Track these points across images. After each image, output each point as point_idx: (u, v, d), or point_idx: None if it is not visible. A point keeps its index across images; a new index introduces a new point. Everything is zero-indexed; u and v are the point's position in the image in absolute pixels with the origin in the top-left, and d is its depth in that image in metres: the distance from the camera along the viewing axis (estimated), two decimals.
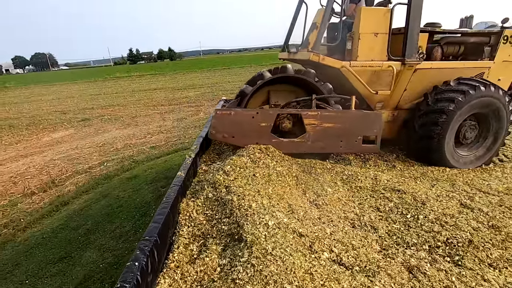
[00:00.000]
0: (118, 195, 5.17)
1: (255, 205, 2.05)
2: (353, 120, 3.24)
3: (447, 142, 3.78)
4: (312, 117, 3.15)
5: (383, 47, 3.64)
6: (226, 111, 3.10)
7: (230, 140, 3.16)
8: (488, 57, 4.33)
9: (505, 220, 2.31)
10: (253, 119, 3.09)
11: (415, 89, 4.01)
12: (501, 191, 3.00)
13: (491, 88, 3.78)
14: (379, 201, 2.55)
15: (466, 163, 3.99)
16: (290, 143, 3.21)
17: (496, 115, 3.96)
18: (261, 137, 3.15)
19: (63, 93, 23.13)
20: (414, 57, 3.72)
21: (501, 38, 4.23)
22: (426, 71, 3.90)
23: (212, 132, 3.13)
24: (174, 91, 18.95)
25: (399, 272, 1.77)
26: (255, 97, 3.64)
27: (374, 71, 3.69)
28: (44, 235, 4.10)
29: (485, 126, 4.08)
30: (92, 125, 11.15)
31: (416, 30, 3.66)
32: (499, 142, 4.09)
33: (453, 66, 4.06)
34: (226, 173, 2.45)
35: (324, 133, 3.19)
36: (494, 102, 3.85)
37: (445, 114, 3.67)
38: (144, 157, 7.09)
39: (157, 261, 1.55)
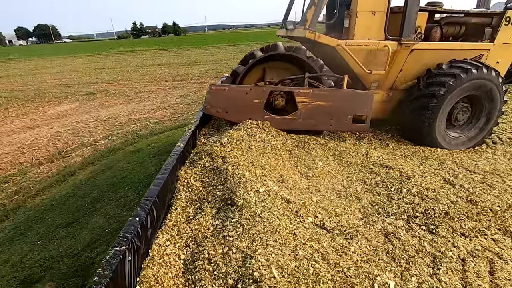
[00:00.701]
0: (122, 167, 5.38)
1: (248, 174, 2.21)
2: (344, 99, 3.29)
3: (438, 125, 3.83)
4: (304, 95, 3.22)
5: (381, 26, 3.60)
6: (221, 87, 3.18)
7: (224, 115, 3.25)
8: (489, 38, 4.25)
9: (483, 196, 2.45)
10: (246, 95, 3.17)
11: (411, 70, 3.99)
12: (487, 170, 3.12)
13: (483, 70, 3.75)
14: (367, 175, 2.69)
15: (458, 144, 4.05)
16: (282, 120, 3.29)
17: (489, 96, 3.96)
18: (254, 113, 3.24)
19: (67, 66, 23.06)
20: (411, 37, 3.68)
21: (503, 20, 4.15)
22: (422, 52, 3.86)
23: (206, 106, 3.22)
24: (178, 67, 18.80)
25: (376, 237, 1.95)
26: (250, 75, 3.69)
27: (369, 51, 3.67)
28: (52, 202, 4.33)
29: (478, 107, 4.09)
30: (97, 99, 11.26)
31: (414, 9, 3.59)
32: (492, 122, 4.12)
33: (451, 47, 4.00)
34: (223, 145, 2.59)
35: (315, 111, 3.26)
36: (486, 83, 3.83)
37: (436, 98, 3.70)
38: (147, 132, 7.25)
39: (156, 218, 1.73)
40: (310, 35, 3.50)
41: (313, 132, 3.48)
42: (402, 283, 1.61)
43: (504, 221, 2.23)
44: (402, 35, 3.63)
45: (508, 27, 4.19)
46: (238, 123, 3.25)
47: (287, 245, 1.65)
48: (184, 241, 1.74)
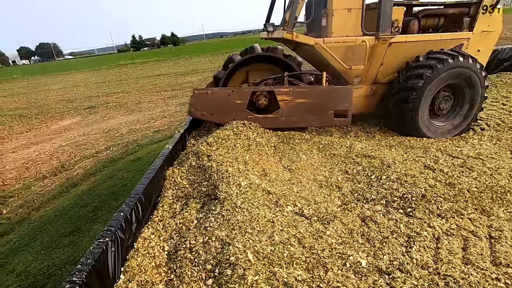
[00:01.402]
0: (122, 176, 5.53)
1: (231, 170, 2.32)
2: (324, 95, 3.39)
3: (421, 117, 3.88)
4: (285, 94, 3.33)
5: (357, 23, 3.68)
6: (204, 90, 3.30)
7: (209, 117, 3.37)
8: (468, 28, 4.30)
9: (462, 178, 2.52)
10: (229, 97, 3.29)
11: (392, 63, 4.05)
12: (470, 155, 3.16)
13: (459, 58, 3.78)
14: (349, 165, 2.78)
15: (444, 133, 4.10)
16: (265, 119, 3.40)
17: (469, 83, 4.00)
18: (238, 114, 3.35)
19: (69, 82, 23.55)
20: (387, 31, 3.74)
21: (480, 8, 4.19)
22: (401, 45, 3.92)
23: (191, 110, 3.34)
24: (177, 77, 19.07)
25: (353, 221, 2.03)
26: (233, 78, 3.82)
27: (348, 47, 3.75)
28: (56, 213, 4.49)
29: (460, 95, 4.14)
30: (98, 112, 11.51)
31: (389, 4, 3.67)
32: (475, 108, 4.16)
33: (429, 39, 4.06)
34: (209, 144, 2.71)
35: (296, 108, 3.37)
36: (464, 71, 3.86)
37: (415, 91, 3.75)
38: (147, 141, 7.42)
39: (141, 214, 1.84)
40: (288, 35, 3.59)
41: (298, 128, 3.58)
42: (374, 261, 1.69)
43: (481, 201, 2.30)
44: (378, 29, 3.70)
45: (486, 15, 4.24)
46: (223, 124, 3.36)
47: (264, 232, 1.75)
48: (168, 234, 1.86)
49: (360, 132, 4.15)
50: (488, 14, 4.24)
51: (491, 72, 7.26)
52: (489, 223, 2.13)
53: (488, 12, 4.24)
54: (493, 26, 4.36)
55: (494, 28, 4.39)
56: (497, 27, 4.42)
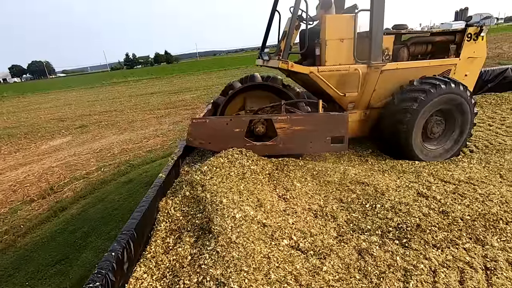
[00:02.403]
0: (113, 199, 5.41)
1: (225, 201, 2.29)
2: (320, 122, 3.45)
3: (414, 138, 3.97)
4: (282, 121, 3.37)
5: (349, 52, 3.81)
6: (202, 119, 3.33)
7: (207, 145, 3.38)
8: (454, 54, 4.50)
9: (454, 206, 2.55)
10: (227, 126, 3.32)
11: (385, 89, 4.19)
12: (461, 180, 3.22)
13: (451, 85, 3.94)
14: (343, 193, 2.79)
15: (435, 156, 4.20)
16: (263, 146, 3.43)
17: (460, 109, 4.13)
18: (236, 141, 3.37)
19: (60, 101, 23.38)
20: (379, 59, 3.89)
21: (465, 36, 4.42)
22: (392, 72, 4.07)
23: (189, 139, 3.34)
24: (171, 95, 19.15)
25: (349, 254, 2.01)
26: (231, 104, 3.87)
27: (341, 75, 3.87)
28: (43, 239, 4.32)
29: (451, 120, 4.27)
30: (90, 131, 11.38)
31: (379, 34, 3.83)
32: (465, 134, 4.29)
33: (419, 65, 4.23)
34: (203, 173, 2.69)
35: (294, 135, 3.41)
36: (456, 97, 4.02)
37: (409, 113, 3.86)
38: (140, 161, 7.32)
39: (133, 252, 1.79)
40: (283, 65, 3.71)
41: (294, 154, 3.60)
42: None
43: (475, 230, 2.31)
44: (370, 58, 3.85)
45: (471, 42, 4.47)
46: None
47: (260, 269, 1.72)
48: (161, 272, 1.80)
49: (353, 156, 4.20)
50: (472, 41, 4.46)
51: (476, 93, 7.55)
52: (484, 253, 2.13)
53: (473, 40, 4.45)
54: (478, 52, 4.58)
55: (479, 54, 4.61)
56: (482, 53, 4.66)
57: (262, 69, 4.55)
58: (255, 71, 24.30)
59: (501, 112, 6.37)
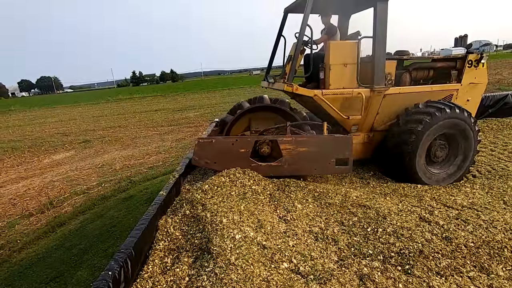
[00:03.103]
0: (113, 216, 5.36)
1: (225, 221, 2.28)
2: (325, 144, 3.48)
3: (418, 160, 3.98)
4: (287, 142, 3.40)
5: (353, 76, 3.93)
6: (208, 139, 3.35)
7: (213, 165, 3.39)
8: (456, 80, 4.60)
9: (458, 232, 2.50)
10: (232, 146, 3.34)
11: (387, 112, 4.27)
12: (464, 205, 3.18)
13: (456, 110, 4.00)
14: (345, 216, 2.76)
15: (438, 180, 4.18)
16: (268, 167, 3.45)
17: (464, 135, 4.16)
18: (241, 162, 3.39)
19: (66, 115, 23.73)
20: (382, 84, 3.99)
21: (466, 63, 4.54)
22: (395, 96, 4.16)
23: (195, 158, 3.35)
24: (174, 112, 19.41)
25: (350, 280, 1.97)
26: (237, 124, 3.92)
27: (345, 98, 3.96)
28: (39, 255, 4.26)
29: (455, 145, 4.27)
30: (93, 146, 11.46)
31: (382, 60, 3.94)
32: (468, 160, 4.26)
33: (421, 90, 4.33)
34: (204, 192, 2.68)
35: (299, 157, 3.43)
36: (460, 123, 4.06)
37: (414, 134, 3.90)
38: (141, 177, 7.31)
39: (130, 271, 1.76)
40: (288, 88, 3.82)
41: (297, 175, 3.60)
42: None
43: (479, 258, 2.26)
44: (373, 82, 3.95)
45: (471, 68, 4.58)
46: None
47: None
48: None
49: (355, 178, 4.18)
50: (473, 68, 4.58)
51: (478, 118, 7.61)
52: (489, 282, 2.07)
53: (473, 66, 4.57)
54: (479, 78, 4.69)
55: (480, 80, 4.72)
56: (483, 79, 4.76)
57: (267, 90, 4.65)
58: (258, 91, 24.72)
59: (503, 137, 6.38)
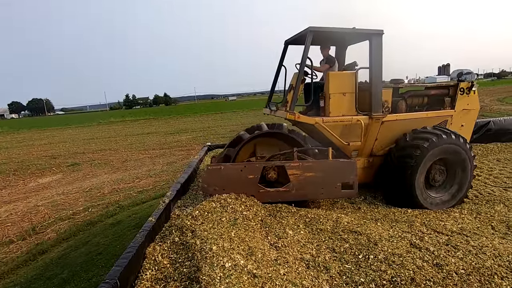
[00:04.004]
0: (98, 242, 5.16)
1: (215, 248, 2.23)
2: (331, 169, 3.56)
3: (418, 177, 4.07)
4: (295, 168, 3.47)
5: (351, 104, 4.11)
6: (217, 166, 3.38)
7: (221, 192, 3.36)
8: (449, 106, 4.82)
9: (448, 259, 2.50)
10: (241, 172, 3.38)
11: (386, 138, 4.42)
12: (454, 231, 3.21)
13: (460, 139, 4.20)
14: (336, 242, 2.74)
15: (431, 203, 4.23)
16: (276, 193, 3.48)
17: (461, 162, 4.30)
18: (250, 188, 3.42)
19: (55, 138, 23.39)
20: (379, 111, 4.16)
21: (458, 90, 4.79)
22: (392, 123, 4.34)
23: (204, 186, 3.35)
24: (167, 135, 19.38)
25: None
26: (241, 152, 4.00)
27: (345, 125, 4.12)
28: (16, 286, 4.03)
29: (451, 174, 4.39)
30: (81, 169, 11.24)
31: (379, 88, 4.14)
32: (463, 191, 4.37)
33: (418, 117, 4.52)
34: (194, 218, 2.64)
35: (306, 182, 3.49)
36: (461, 152, 4.23)
37: (420, 149, 4.03)
38: (130, 202, 7.14)
39: None
40: (290, 116, 3.96)
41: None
42: None
43: (470, 285, 2.25)
44: (371, 110, 4.12)
45: (464, 95, 4.83)
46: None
47: None
48: None
49: (346, 203, 4.19)
50: (465, 95, 4.83)
51: None
52: None
53: (465, 93, 4.82)
54: (471, 105, 4.93)
55: (472, 106, 4.95)
56: (475, 106, 5.00)
57: (262, 116, 4.76)
58: (251, 115, 25.00)
59: (488, 162, 6.56)
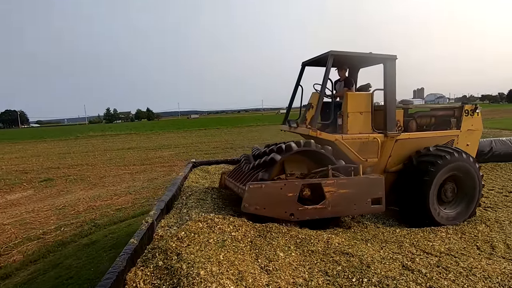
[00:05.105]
0: (70, 265, 4.78)
1: (203, 273, 2.08)
2: (362, 185, 3.71)
3: (434, 185, 4.27)
4: (330, 185, 3.56)
5: (368, 122, 4.41)
6: (258, 185, 3.35)
7: (262, 211, 3.37)
8: (456, 126, 5.16)
9: (441, 281, 2.47)
10: (281, 190, 3.40)
11: (399, 155, 4.71)
12: (442, 251, 3.22)
13: (470, 158, 4.46)
14: (328, 264, 2.65)
15: (436, 216, 4.35)
16: (314, 210, 3.53)
17: (471, 179, 4.53)
18: (289, 206, 3.44)
19: (28, 152, 22.21)
20: (394, 130, 4.46)
21: (463, 112, 5.16)
22: (405, 141, 4.64)
23: (245, 205, 3.31)
24: (148, 151, 18.91)
25: None
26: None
27: (362, 142, 4.37)
28: None
29: (461, 189, 4.61)
30: (55, 185, 10.64)
31: (393, 108, 4.45)
32: (474, 203, 4.57)
33: (428, 136, 4.85)
34: (179, 239, 2.48)
35: (340, 198, 3.58)
36: (469, 169, 4.47)
37: (441, 159, 4.29)
38: (106, 220, 6.76)
39: None
40: (313, 133, 4.19)
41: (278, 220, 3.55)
42: None
43: None
44: (386, 128, 4.40)
45: (468, 117, 5.20)
46: (276, 218, 3.43)
47: None
48: None
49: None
50: (470, 116, 5.21)
51: None
52: None
53: (470, 115, 5.21)
54: (475, 126, 5.29)
55: (476, 127, 5.31)
56: (479, 127, 5.35)
57: (246, 133, 4.73)
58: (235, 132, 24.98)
59: None
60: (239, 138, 23.11)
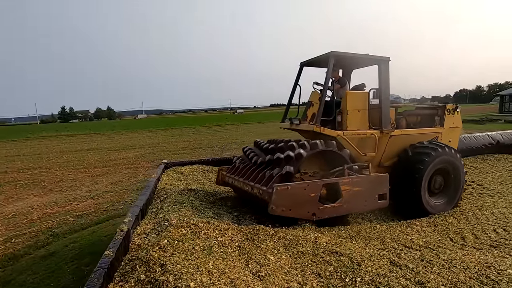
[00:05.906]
0: (25, 281, 4.23)
1: (193, 284, 1.88)
2: (371, 182, 3.91)
3: (427, 174, 4.66)
4: (346, 184, 3.72)
5: (365, 120, 4.73)
6: (284, 186, 3.35)
7: (287, 213, 3.39)
8: (439, 124, 5.62)
9: (428, 275, 2.52)
10: (305, 191, 3.47)
11: (392, 150, 5.10)
12: (421, 245, 3.35)
13: (458, 154, 4.93)
14: (320, 265, 2.58)
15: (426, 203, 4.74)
16: (332, 208, 3.66)
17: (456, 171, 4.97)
18: (311, 206, 3.52)
19: None
20: (389, 127, 4.82)
21: (445, 111, 5.63)
22: (398, 137, 5.04)
23: (273, 207, 3.30)
24: (111, 152, 17.77)
25: None
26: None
27: (361, 138, 4.68)
28: None
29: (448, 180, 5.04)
30: (3, 192, 9.50)
31: (387, 106, 4.80)
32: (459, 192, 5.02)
33: (417, 132, 5.32)
34: (162, 249, 2.24)
35: (354, 195, 3.76)
36: (455, 162, 4.93)
37: (434, 151, 4.73)
38: (66, 228, 6.15)
39: None
40: (317, 129, 4.40)
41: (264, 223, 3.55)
42: None
43: None
44: (382, 125, 4.76)
45: (450, 115, 5.68)
46: (301, 218, 3.47)
47: None
48: None
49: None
50: (451, 115, 5.69)
51: None
52: None
53: (451, 114, 5.69)
54: (456, 123, 5.78)
55: (457, 125, 5.80)
56: (459, 124, 5.84)
57: (214, 132, 4.56)
58: (203, 131, 24.61)
59: None
60: (208, 138, 22.67)
